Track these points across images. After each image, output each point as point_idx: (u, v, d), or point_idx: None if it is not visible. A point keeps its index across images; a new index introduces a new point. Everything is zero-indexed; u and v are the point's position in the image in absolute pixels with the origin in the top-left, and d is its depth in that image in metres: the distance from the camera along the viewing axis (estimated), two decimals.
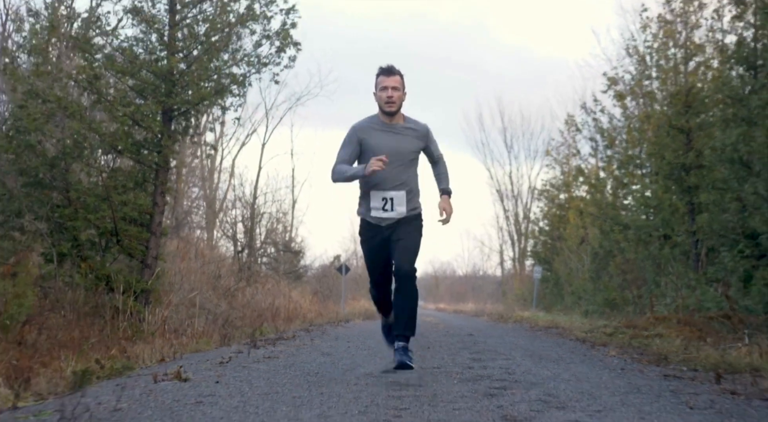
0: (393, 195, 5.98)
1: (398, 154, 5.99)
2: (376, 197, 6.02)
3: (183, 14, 11.82)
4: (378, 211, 6.03)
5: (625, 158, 20.16)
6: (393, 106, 6.00)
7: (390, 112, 6.02)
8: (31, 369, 6.28)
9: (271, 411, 4.38)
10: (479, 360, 7.77)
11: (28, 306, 8.39)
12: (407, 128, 6.12)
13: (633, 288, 17.12)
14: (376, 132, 6.05)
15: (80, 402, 4.07)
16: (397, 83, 6.01)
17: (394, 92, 5.97)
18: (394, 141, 6.02)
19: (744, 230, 12.46)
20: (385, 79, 6.00)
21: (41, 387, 5.69)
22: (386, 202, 5.98)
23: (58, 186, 11.11)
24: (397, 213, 6.02)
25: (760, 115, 11.17)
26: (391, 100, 5.97)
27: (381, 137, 6.03)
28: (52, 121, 11.10)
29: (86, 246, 11.32)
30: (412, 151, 6.10)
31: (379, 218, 6.07)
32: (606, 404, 4.78)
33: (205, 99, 11.65)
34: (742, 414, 4.43)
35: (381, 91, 6.00)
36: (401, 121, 6.13)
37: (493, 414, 4.34)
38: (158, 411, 4.32)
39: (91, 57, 11.33)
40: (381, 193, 6.00)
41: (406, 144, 6.06)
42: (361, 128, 6.09)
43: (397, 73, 6.04)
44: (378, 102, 6.07)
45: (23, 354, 7.26)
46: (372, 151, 5.96)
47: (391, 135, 6.05)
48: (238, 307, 17.83)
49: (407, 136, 6.09)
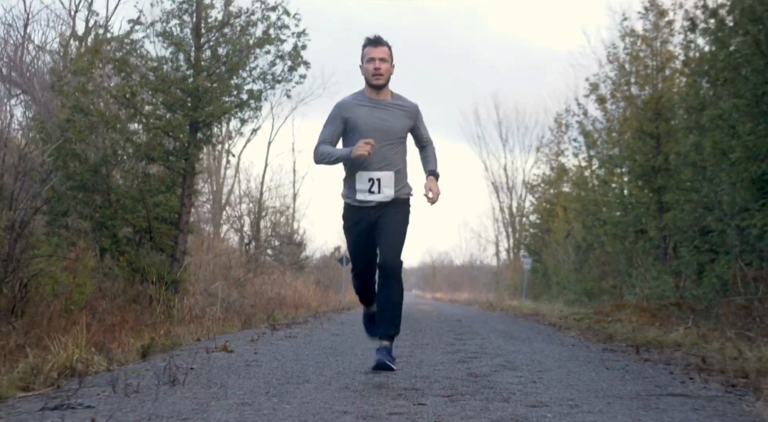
0: (380, 175, 5.59)
1: (385, 132, 5.63)
2: (361, 178, 5.61)
3: (207, 37, 13.46)
4: (364, 193, 5.63)
5: (606, 158, 21.86)
6: (381, 78, 5.60)
7: (377, 85, 5.62)
8: (103, 344, 7.96)
9: (302, 369, 6.08)
10: (461, 339, 9.48)
11: (87, 293, 10.08)
12: (395, 104, 5.74)
13: (609, 278, 18.84)
14: (362, 108, 5.67)
15: (169, 363, 5.75)
16: (385, 54, 5.61)
17: (381, 64, 5.58)
18: (380, 117, 5.65)
19: (699, 228, 14.16)
20: (371, 50, 5.61)
21: (117, 357, 7.37)
22: (373, 184, 5.60)
23: (100, 189, 12.77)
24: (384, 195, 5.63)
25: (709, 126, 12.85)
26: (378, 72, 5.57)
27: (367, 114, 5.65)
28: (94, 132, 12.74)
29: (123, 242, 12.99)
30: (400, 128, 5.71)
31: (365, 201, 5.67)
32: (547, 367, 6.49)
33: (227, 112, 13.32)
34: (640, 372, 6.14)
35: (368, 62, 5.62)
36: (389, 97, 5.74)
37: (461, 373, 6.03)
38: (221, 370, 6.02)
39: (128, 76, 12.98)
40: (367, 173, 5.60)
41: (394, 121, 5.68)
42: (345, 105, 5.71)
43: (385, 44, 5.65)
44: (364, 75, 5.68)
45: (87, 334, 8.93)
46: (357, 129, 5.63)
47: (378, 111, 5.67)
48: (249, 296, 19.54)
49: (395, 113, 5.71)
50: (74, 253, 10.56)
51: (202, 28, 13.41)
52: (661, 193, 17.14)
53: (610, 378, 5.81)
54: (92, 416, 3.94)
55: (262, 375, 5.71)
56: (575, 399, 4.77)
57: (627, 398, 4.86)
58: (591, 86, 22.23)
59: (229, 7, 13.55)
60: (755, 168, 11.52)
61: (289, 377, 5.63)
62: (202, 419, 4.00)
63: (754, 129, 11.57)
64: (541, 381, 5.61)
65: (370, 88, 5.66)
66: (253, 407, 4.37)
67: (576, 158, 25.36)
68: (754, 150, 11.54)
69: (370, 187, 5.60)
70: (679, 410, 4.44)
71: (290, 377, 5.63)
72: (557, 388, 5.24)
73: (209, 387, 5.08)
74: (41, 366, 5.89)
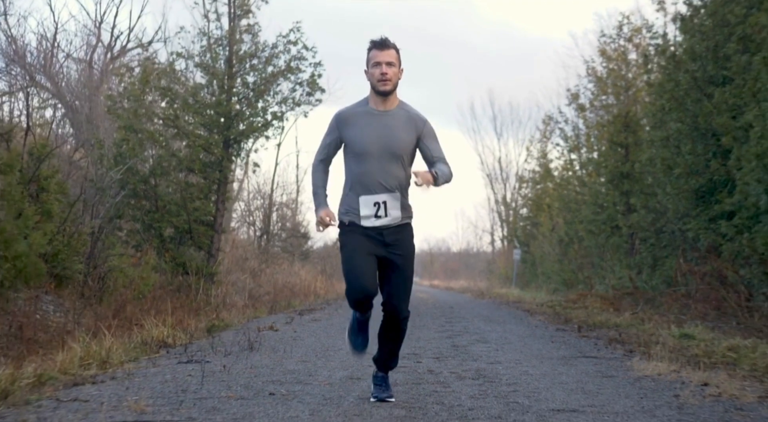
0: (385, 198, 5.11)
1: (389, 145, 5.12)
2: (366, 204, 5.12)
3: (238, 67, 15.90)
4: (370, 219, 5.12)
5: (585, 161, 24.34)
6: (388, 84, 5.12)
7: (384, 91, 5.13)
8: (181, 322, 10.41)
9: (334, 342, 8.55)
10: (450, 322, 11.98)
11: (150, 284, 12.56)
12: (400, 112, 5.21)
13: (585, 270, 21.36)
14: (362, 119, 5.17)
15: (244, 336, 8.21)
16: (393, 58, 5.15)
17: (388, 68, 5.11)
18: (382, 129, 5.14)
19: (655, 228, 16.63)
20: (377, 54, 5.15)
21: (191, 333, 9.84)
22: (378, 208, 5.13)
23: (149, 196, 15.22)
24: (392, 217, 5.13)
25: (658, 145, 15.34)
26: (385, 77, 5.09)
27: (367, 126, 5.14)
28: (144, 148, 15.18)
29: (168, 241, 15.45)
30: (406, 139, 5.16)
31: (371, 227, 5.13)
32: (509, 341, 8.99)
33: (255, 131, 15.78)
34: (574, 344, 8.63)
35: (373, 67, 5.15)
36: (396, 105, 5.23)
37: (447, 345, 8.51)
38: (277, 342, 8.49)
39: (172, 101, 15.42)
40: (372, 197, 5.11)
41: (400, 132, 5.15)
42: (342, 117, 5.23)
43: (392, 47, 5.19)
44: (370, 80, 5.19)
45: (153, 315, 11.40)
46: (355, 144, 5.14)
47: (382, 122, 5.16)
48: (263, 285, 22.00)
49: (401, 123, 5.18)
50: (140, 253, 13.05)
51: (234, 59, 15.84)
52: (629, 196, 19.60)
53: (550, 347, 8.30)
54: (226, 362, 6.42)
55: (308, 345, 8.21)
56: (520, 360, 7.26)
57: (555, 359, 7.35)
58: (572, 96, 24.67)
59: (256, 42, 15.97)
60: (693, 181, 13.99)
61: (327, 347, 8.12)
62: (281, 366, 6.49)
63: (693, 149, 14.04)
64: (502, 349, 8.10)
65: (376, 95, 5.15)
66: (310, 362, 6.86)
67: (558, 160, 27.87)
68: (692, 166, 14.01)
69: (376, 211, 5.11)
70: (584, 364, 6.94)
71: (327, 347, 8.12)
72: (511, 353, 7.74)
73: (275, 352, 7.58)
74: (146, 338, 8.37)
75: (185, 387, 5.43)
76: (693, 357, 7.31)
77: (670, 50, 15.41)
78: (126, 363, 6.52)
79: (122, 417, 4.37)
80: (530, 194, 35.82)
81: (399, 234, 5.19)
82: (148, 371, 6.22)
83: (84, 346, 6.94)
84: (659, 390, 5.56)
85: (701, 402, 5.06)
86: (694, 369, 6.44)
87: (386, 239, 5.13)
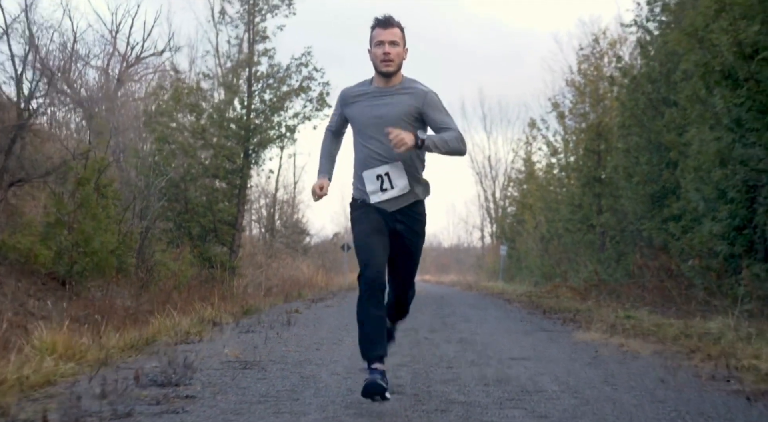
0: (387, 169, 4.96)
1: (384, 119, 4.93)
2: (369, 179, 4.99)
3: (256, 87, 18.22)
4: (377, 194, 4.97)
5: (564, 165, 26.75)
6: (391, 64, 4.92)
7: (387, 72, 4.94)
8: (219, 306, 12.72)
9: (352, 321, 10.89)
10: (441, 308, 14.36)
11: (188, 276, 14.90)
12: (402, 88, 5.01)
13: (562, 264, 23.77)
14: (363, 99, 5.03)
15: (286, 315, 10.53)
16: (396, 37, 4.94)
17: (392, 48, 4.91)
18: (382, 107, 4.97)
19: (620, 228, 19.03)
20: (381, 32, 4.94)
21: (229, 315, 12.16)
22: (382, 181, 4.97)
23: (180, 199, 17.54)
24: (399, 188, 4.96)
25: (621, 155, 17.74)
26: (388, 57, 4.90)
27: (368, 105, 4.99)
28: (176, 158, 17.50)
29: (196, 239, 17.78)
30: (401, 112, 4.94)
31: (381, 202, 4.98)
32: (488, 320, 11.36)
33: (271, 142, 18.12)
34: (537, 323, 11.00)
35: (376, 46, 4.95)
36: (398, 82, 5.03)
37: (439, 323, 10.87)
38: (306, 321, 10.83)
39: (199, 116, 17.75)
40: (372, 171, 4.98)
41: (395, 106, 4.96)
42: (345, 96, 5.13)
43: (396, 25, 4.97)
44: (373, 60, 4.99)
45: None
46: (354, 122, 5.06)
47: (382, 100, 4.99)
48: (270, 277, 24.32)
49: (399, 98, 4.98)
50: (179, 249, 15.39)
51: (252, 79, 18.16)
52: (600, 198, 22.00)
53: (518, 325, 10.68)
54: (274, 333, 8.77)
55: (331, 323, 10.57)
56: (493, 332, 9.63)
57: (519, 332, 9.73)
58: (553, 105, 27.07)
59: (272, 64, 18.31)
60: (649, 188, 16.38)
61: (345, 324, 10.48)
62: (316, 335, 8.84)
63: (649, 160, 16.43)
64: (481, 327, 10.47)
65: (379, 75, 4.97)
66: (336, 333, 9.21)
67: (540, 163, 30.34)
68: (648, 175, 16.40)
69: (380, 185, 4.95)
70: (540, 335, 9.31)
71: (346, 324, 10.48)
72: (487, 328, 10.10)
73: (307, 327, 9.93)
74: (201, 318, 10.69)
75: (255, 345, 7.77)
76: (624, 330, 9.67)
77: (632, 73, 17.79)
78: (201, 333, 8.85)
79: (227, 358, 6.71)
80: (516, 194, 38.21)
81: (411, 215, 5.06)
82: (222, 337, 8.56)
83: (161, 321, 9.28)
84: (586, 349, 7.92)
85: (611, 354, 7.43)
86: (619, 337, 8.80)
87: (397, 217, 5.00)
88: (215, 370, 6.12)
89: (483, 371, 6.28)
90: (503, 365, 6.64)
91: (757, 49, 9.89)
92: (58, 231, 11.46)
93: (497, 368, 6.45)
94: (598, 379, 5.82)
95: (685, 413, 4.57)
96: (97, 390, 4.91)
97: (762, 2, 9.82)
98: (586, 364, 6.70)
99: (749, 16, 9.91)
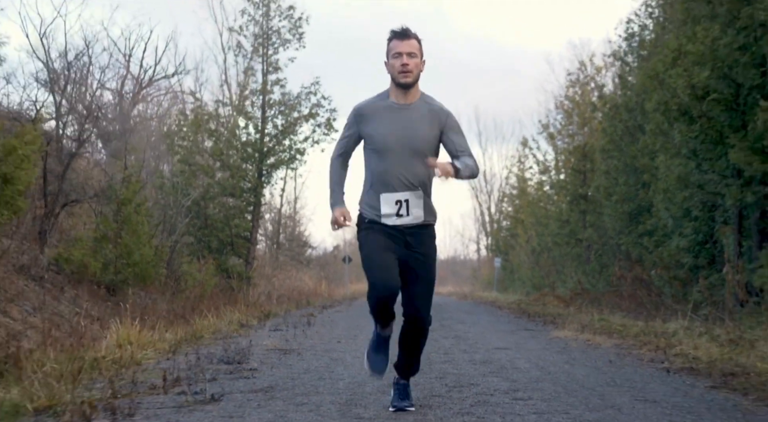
0: (408, 196, 4.83)
1: (411, 141, 4.82)
2: (387, 201, 4.86)
3: (269, 113, 19.97)
4: (391, 217, 4.84)
5: (554, 183, 28.53)
6: (409, 76, 4.79)
7: (405, 83, 4.82)
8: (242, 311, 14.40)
9: (363, 324, 12.59)
10: (439, 313, 16.06)
11: (212, 285, 16.59)
12: (423, 105, 4.89)
13: (551, 276, 25.51)
14: (382, 114, 4.88)
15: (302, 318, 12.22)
16: (414, 48, 4.81)
17: (410, 59, 4.79)
18: (403, 124, 4.84)
19: (601, 242, 20.77)
20: (398, 44, 4.82)
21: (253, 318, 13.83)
22: (401, 206, 4.85)
23: (200, 216, 19.25)
24: (414, 216, 4.85)
25: (602, 176, 19.50)
26: (406, 68, 4.77)
27: (387, 121, 4.85)
28: (196, 178, 19.21)
29: (215, 251, 19.48)
30: (429, 134, 4.85)
31: (393, 227, 4.85)
32: (479, 323, 13.07)
33: (283, 164, 19.85)
34: (522, 324, 12.72)
35: (394, 58, 4.82)
36: (417, 98, 4.91)
37: (436, 324, 12.54)
38: (323, 323, 12.53)
39: (218, 140, 19.48)
40: (393, 195, 4.84)
41: (421, 126, 4.84)
42: (361, 111, 4.94)
43: (413, 37, 4.86)
44: (390, 72, 4.87)
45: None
46: (374, 140, 4.87)
47: (402, 115, 4.86)
48: (277, 288, 25.98)
49: (423, 117, 4.86)
50: (203, 261, 17.10)
51: (266, 106, 19.91)
52: (585, 214, 23.75)
53: (505, 326, 12.40)
54: (299, 331, 10.46)
55: (344, 324, 12.27)
56: (483, 332, 11.34)
57: (506, 332, 11.44)
58: (543, 126, 28.86)
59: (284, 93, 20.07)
60: (626, 206, 18.14)
61: (357, 325, 12.18)
62: (335, 332, 10.54)
63: (626, 181, 18.19)
64: (473, 327, 12.18)
65: (397, 87, 4.87)
66: (351, 332, 10.91)
67: (531, 181, 32.15)
68: (626, 194, 18.16)
69: (398, 210, 4.85)
70: (522, 333, 11.02)
71: (357, 325, 12.18)
72: (479, 329, 11.82)
73: (325, 327, 11.63)
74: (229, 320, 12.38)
75: (287, 339, 9.47)
76: (594, 329, 11.38)
77: (613, 101, 19.58)
78: (238, 331, 10.54)
79: (270, 346, 8.41)
80: (510, 209, 39.99)
81: (421, 236, 4.91)
82: (256, 334, 10.25)
83: (199, 322, 10.97)
84: (559, 342, 9.63)
85: (578, 346, 9.14)
86: (588, 334, 10.51)
87: (407, 239, 4.86)
88: (263, 354, 7.83)
89: (472, 356, 7.99)
90: (489, 352, 8.36)
91: (708, 91, 11.65)
92: (105, 245, 13.14)
93: (484, 354, 8.16)
94: (561, 361, 7.54)
95: (618, 380, 6.28)
96: (182, 365, 6.61)
97: (712, 52, 11.58)
98: (555, 352, 8.42)
99: (701, 63, 11.67)
